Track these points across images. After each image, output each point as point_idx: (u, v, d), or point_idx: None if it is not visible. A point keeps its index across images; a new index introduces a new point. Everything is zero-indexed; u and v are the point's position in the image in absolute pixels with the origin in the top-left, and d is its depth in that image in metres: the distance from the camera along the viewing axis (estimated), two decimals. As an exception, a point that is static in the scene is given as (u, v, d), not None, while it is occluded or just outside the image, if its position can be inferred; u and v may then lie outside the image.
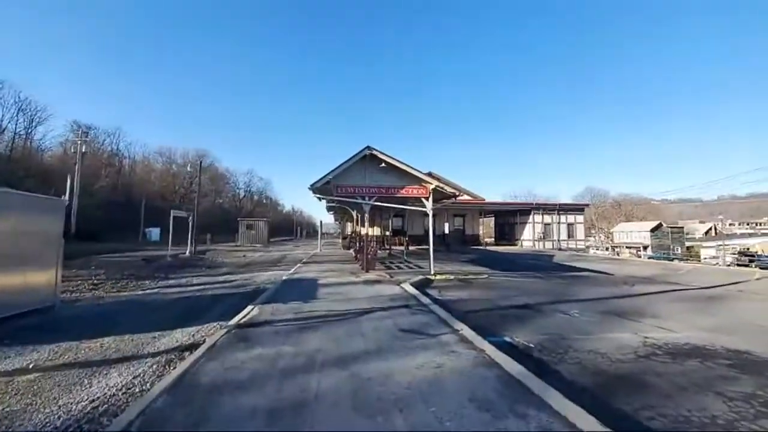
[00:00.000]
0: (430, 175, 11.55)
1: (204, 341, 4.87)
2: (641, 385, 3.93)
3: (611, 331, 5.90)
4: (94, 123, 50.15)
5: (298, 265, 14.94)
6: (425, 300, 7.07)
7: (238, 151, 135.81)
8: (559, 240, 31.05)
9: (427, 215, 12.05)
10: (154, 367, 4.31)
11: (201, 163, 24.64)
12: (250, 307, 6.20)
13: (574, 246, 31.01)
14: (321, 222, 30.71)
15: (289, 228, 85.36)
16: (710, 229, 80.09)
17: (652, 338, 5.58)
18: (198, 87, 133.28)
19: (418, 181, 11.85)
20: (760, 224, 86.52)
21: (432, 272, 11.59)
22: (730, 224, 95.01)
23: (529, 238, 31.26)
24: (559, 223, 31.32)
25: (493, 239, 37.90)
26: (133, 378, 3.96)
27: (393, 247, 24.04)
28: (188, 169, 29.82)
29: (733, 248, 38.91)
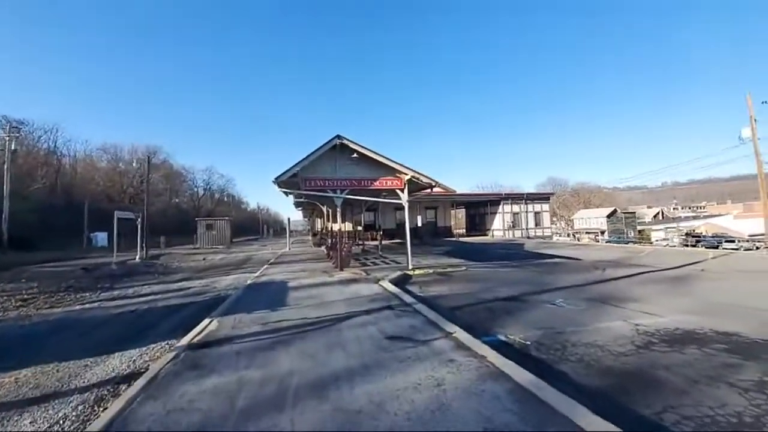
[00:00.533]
0: (403, 166, 10.96)
1: (147, 368, 3.96)
2: (653, 381, 3.62)
3: (601, 320, 5.71)
4: (28, 118, 44.48)
5: (265, 266, 13.83)
6: (408, 298, 6.49)
7: (196, 147, 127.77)
8: (527, 228, 31.95)
9: (401, 208, 11.48)
10: (80, 408, 3.38)
11: (149, 158, 22.31)
12: (206, 321, 5.28)
13: (541, 234, 32.06)
14: (289, 219, 29.33)
15: (254, 227, 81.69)
16: (658, 213, 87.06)
17: (643, 325, 5.46)
18: (149, 80, 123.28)
19: (393, 171, 11.21)
20: (700, 207, 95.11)
21: (410, 267, 11.07)
22: (674, 208, 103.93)
23: (499, 227, 31.88)
24: (527, 212, 32.21)
25: (464, 230, 38.37)
26: (51, 426, 3.04)
27: (366, 243, 23.38)
28: (134, 165, 26.92)
29: (680, 230, 42.40)
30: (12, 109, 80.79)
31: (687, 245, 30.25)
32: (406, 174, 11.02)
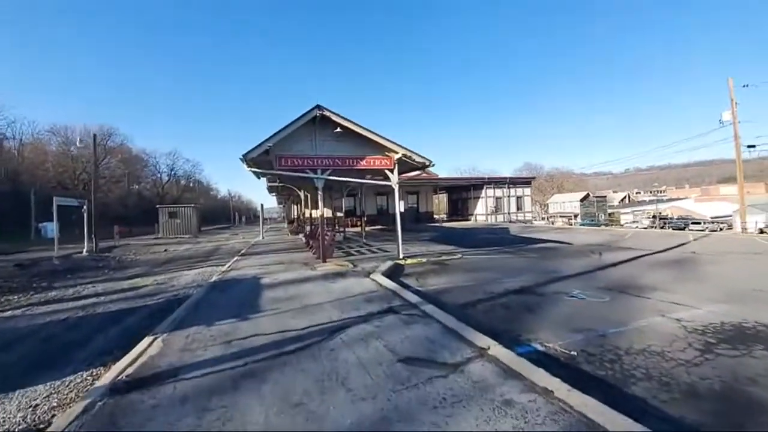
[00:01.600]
0: (393, 143, 9.68)
1: (49, 424, 2.62)
2: (758, 406, 2.73)
3: (636, 316, 5.01)
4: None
5: (235, 258, 12.24)
6: (410, 296, 5.36)
7: (158, 130, 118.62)
8: (509, 213, 31.70)
9: (383, 193, 10.27)
10: None
11: (95, 136, 19.54)
12: (147, 340, 3.90)
13: (522, 218, 31.95)
14: (262, 206, 27.27)
15: (225, 215, 77.59)
16: (624, 197, 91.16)
17: (685, 320, 4.85)
18: (102, 55, 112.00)
19: (382, 149, 9.90)
20: (661, 191, 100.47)
21: (401, 256, 9.96)
22: (636, 192, 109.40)
23: (482, 212, 31.41)
24: (509, 196, 31.89)
25: (446, 215, 37.80)
26: None
27: (346, 229, 22.06)
28: (78, 145, 23.71)
29: (647, 213, 44.35)
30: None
31: (655, 227, 31.49)
32: (397, 152, 9.75)
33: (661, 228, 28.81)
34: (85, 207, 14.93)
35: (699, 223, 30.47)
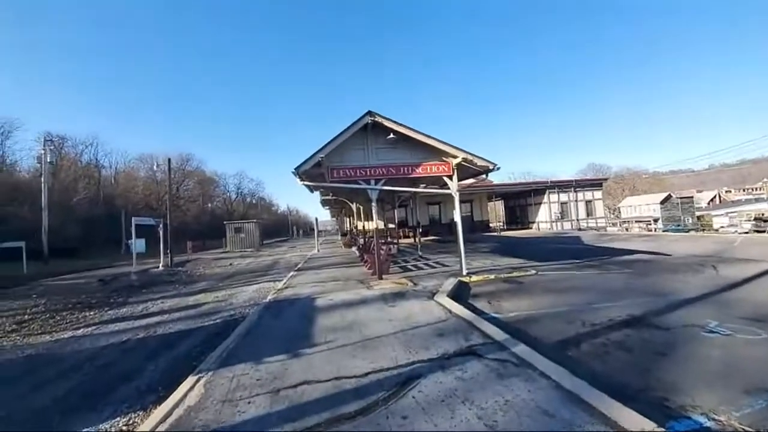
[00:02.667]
0: (452, 146, 8.73)
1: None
2: None
3: None
4: (68, 133, 46.67)
5: (292, 273, 12.09)
6: (490, 329, 4.32)
7: (226, 153, 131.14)
8: (577, 219, 28.41)
9: (435, 202, 9.26)
10: None
11: (170, 160, 21.42)
12: (191, 380, 3.41)
13: (594, 225, 28.41)
14: (316, 219, 27.72)
15: (284, 229, 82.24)
16: (714, 197, 78.36)
17: None
18: (179, 87, 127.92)
19: (439, 155, 8.99)
20: (756, 189, 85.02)
21: (464, 272, 8.85)
22: (727, 191, 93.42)
23: (545, 219, 28.57)
24: (576, 201, 28.63)
25: (503, 224, 35.27)
26: None
27: (399, 241, 21.31)
28: (155, 169, 26.37)
29: (747, 215, 37.02)
30: (54, 125, 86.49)
31: (761, 231, 25.87)
32: (456, 157, 8.76)
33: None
34: (161, 226, 16.15)
35: (817, 225, 24.42)
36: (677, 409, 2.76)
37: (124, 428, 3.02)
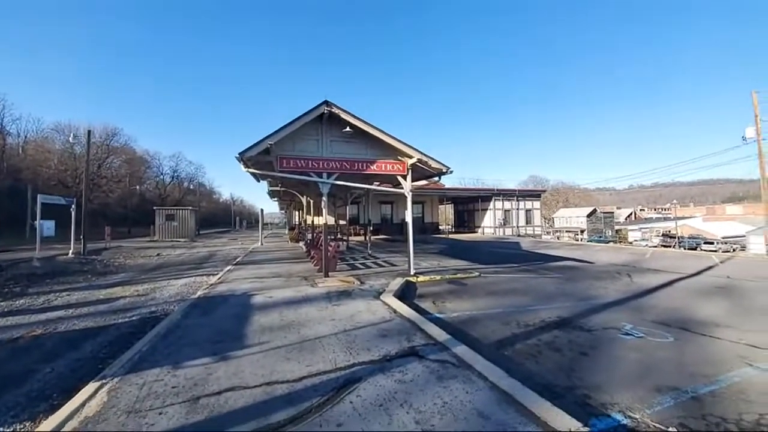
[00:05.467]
0: (408, 146, 8.72)
1: None
2: None
3: (719, 365, 4.05)
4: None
5: (229, 267, 11.20)
6: (433, 330, 4.31)
7: (162, 132, 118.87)
8: (518, 226, 30.58)
9: (388, 201, 9.26)
10: None
11: (90, 132, 18.72)
12: (93, 386, 2.88)
13: (531, 232, 30.81)
14: (262, 210, 26.24)
15: (227, 219, 76.81)
16: (630, 214, 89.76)
17: None
18: (106, 55, 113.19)
19: (394, 153, 8.93)
20: (665, 209, 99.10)
21: (412, 272, 8.91)
22: (641, 209, 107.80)
23: (489, 224, 30.30)
24: (518, 209, 30.80)
25: (451, 227, 36.71)
26: None
27: (350, 239, 21.04)
28: (71, 140, 22.83)
29: (656, 231, 43.09)
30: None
31: (672, 246, 30.38)
32: (412, 157, 8.78)
33: (675, 248, 27.84)
34: (73, 206, 14.00)
35: (711, 243, 29.39)
36: (598, 407, 2.95)
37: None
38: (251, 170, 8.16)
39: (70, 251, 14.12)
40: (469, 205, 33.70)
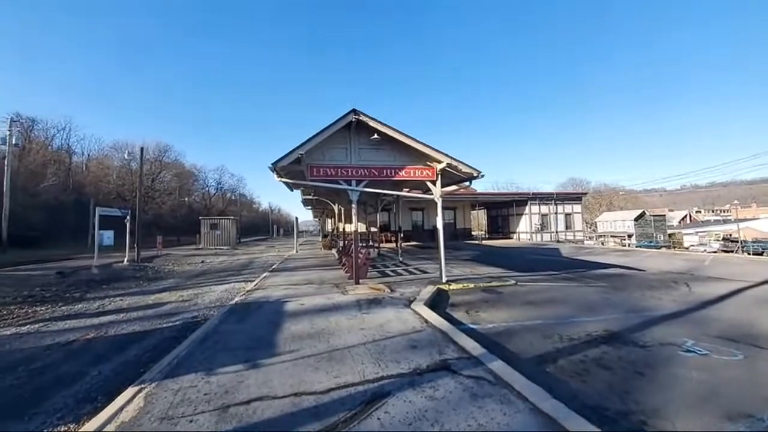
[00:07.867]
0: (437, 151, 8.56)
1: None
2: None
3: None
4: (39, 116, 43.82)
5: (265, 274, 11.58)
6: (467, 342, 4.09)
7: (208, 147, 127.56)
8: (556, 231, 28.98)
9: (418, 208, 9.08)
10: None
11: (142, 149, 20.40)
12: (131, 391, 3.01)
13: (571, 237, 29.05)
14: (296, 219, 27.00)
15: (265, 227, 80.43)
16: (685, 216, 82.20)
17: None
18: (161, 80, 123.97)
19: (423, 159, 8.80)
20: (724, 211, 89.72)
21: (444, 279, 8.65)
22: (697, 211, 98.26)
23: (525, 230, 28.98)
24: (556, 213, 29.21)
25: (484, 233, 35.61)
26: None
27: (381, 245, 21.03)
28: (126, 157, 25.03)
29: (716, 234, 38.86)
30: (24, 107, 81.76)
31: (734, 251, 27.25)
32: (441, 162, 8.60)
33: (738, 253, 25.04)
34: (128, 218, 15.26)
35: (782, 248, 25.95)
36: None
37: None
38: (284, 180, 8.41)
39: (125, 259, 15.35)
40: (503, 210, 32.51)
